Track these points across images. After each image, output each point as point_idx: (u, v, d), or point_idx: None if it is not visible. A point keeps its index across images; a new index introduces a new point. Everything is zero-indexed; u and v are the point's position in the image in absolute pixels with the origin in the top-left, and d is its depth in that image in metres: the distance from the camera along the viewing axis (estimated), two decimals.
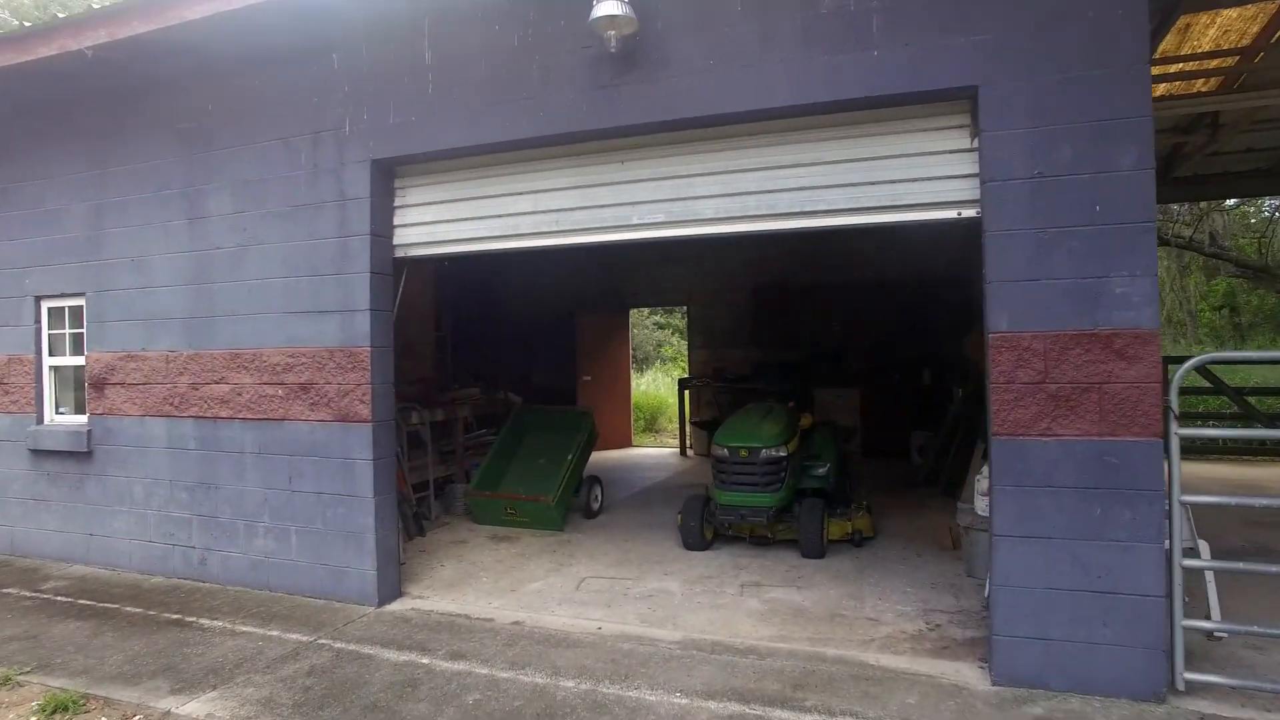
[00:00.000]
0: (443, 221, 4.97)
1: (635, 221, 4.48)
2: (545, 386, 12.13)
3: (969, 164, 3.85)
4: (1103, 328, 3.42)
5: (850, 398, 10.51)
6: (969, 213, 3.87)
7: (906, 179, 3.97)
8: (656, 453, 12.09)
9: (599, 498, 7.44)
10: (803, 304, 11.19)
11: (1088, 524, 3.42)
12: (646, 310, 25.86)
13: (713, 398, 11.34)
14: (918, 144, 3.96)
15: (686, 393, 11.62)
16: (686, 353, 23.49)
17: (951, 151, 3.90)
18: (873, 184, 4.04)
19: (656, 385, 18.06)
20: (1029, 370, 3.54)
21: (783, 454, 5.85)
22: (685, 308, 12.26)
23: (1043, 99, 3.52)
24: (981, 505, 5.22)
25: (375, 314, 4.87)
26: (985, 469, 5.36)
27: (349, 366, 4.87)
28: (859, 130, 4.07)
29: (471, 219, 4.88)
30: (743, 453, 5.83)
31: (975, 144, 3.81)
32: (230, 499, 5.28)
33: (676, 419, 15.72)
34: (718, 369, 11.70)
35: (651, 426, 14.79)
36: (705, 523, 6.03)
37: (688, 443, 11.53)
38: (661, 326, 25.87)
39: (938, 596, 4.90)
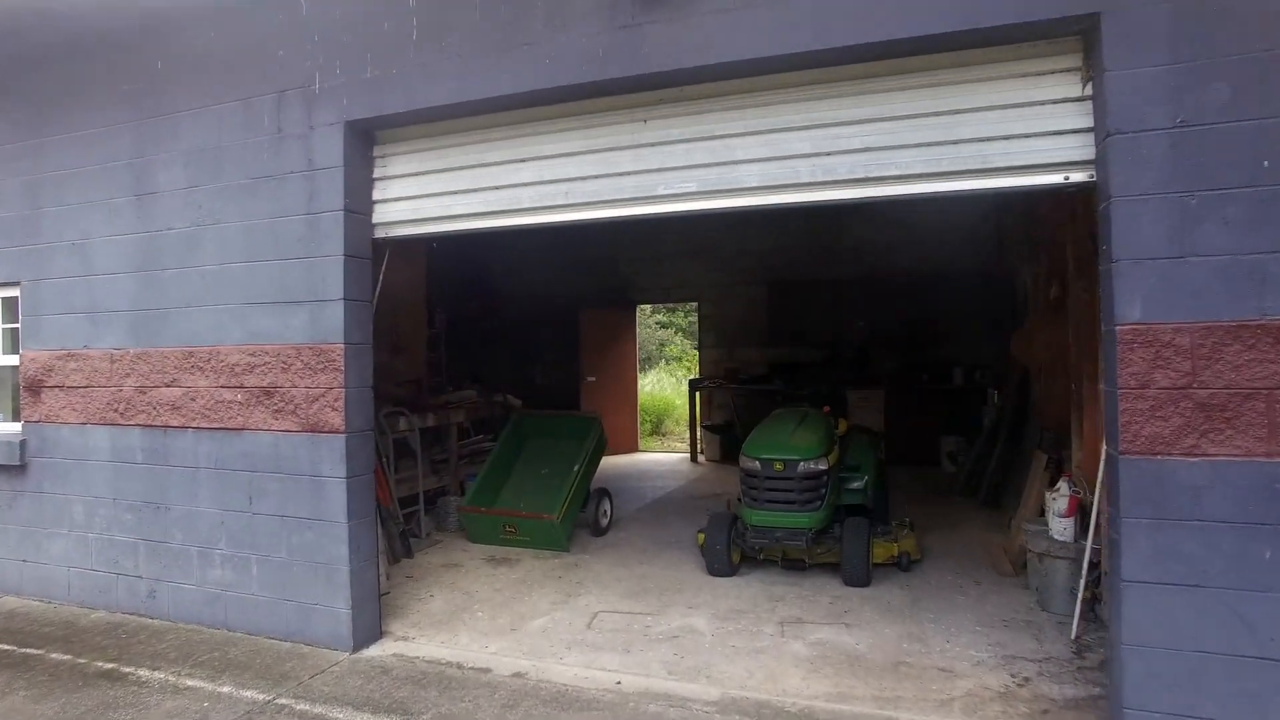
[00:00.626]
0: (431, 195, 4.21)
1: (662, 192, 3.72)
2: (547, 388, 11.37)
3: (1080, 116, 3.10)
4: (1272, 317, 2.67)
5: (875, 400, 9.76)
6: (1078, 176, 3.12)
7: (998, 136, 3.22)
8: (665, 459, 11.33)
9: (608, 513, 6.68)
10: (823, 300, 10.44)
11: (1254, 570, 2.67)
12: (649, 308, 25.17)
13: (731, 400, 10.58)
14: (1012, 93, 3.21)
15: (697, 395, 10.86)
16: (692, 352, 22.78)
17: (1057, 101, 3.15)
18: (955, 143, 3.28)
19: (661, 386, 17.29)
20: (1170, 372, 2.79)
21: (823, 467, 5.10)
22: (695, 304, 11.51)
23: (1189, 23, 2.77)
24: (1059, 529, 4.47)
25: (350, 305, 4.12)
26: (1062, 485, 4.63)
27: (319, 367, 4.11)
28: (938, 78, 3.31)
29: (465, 191, 4.12)
30: (777, 466, 5.07)
31: (1088, 90, 3.06)
32: (182, 521, 4.51)
33: (683, 422, 15.00)
34: (731, 370, 10.95)
35: (658, 430, 14.03)
36: (732, 545, 5.28)
37: (699, 447, 10.77)
38: (664, 325, 25.12)
39: (1014, 638, 4.15)
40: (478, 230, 4.15)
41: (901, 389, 9.82)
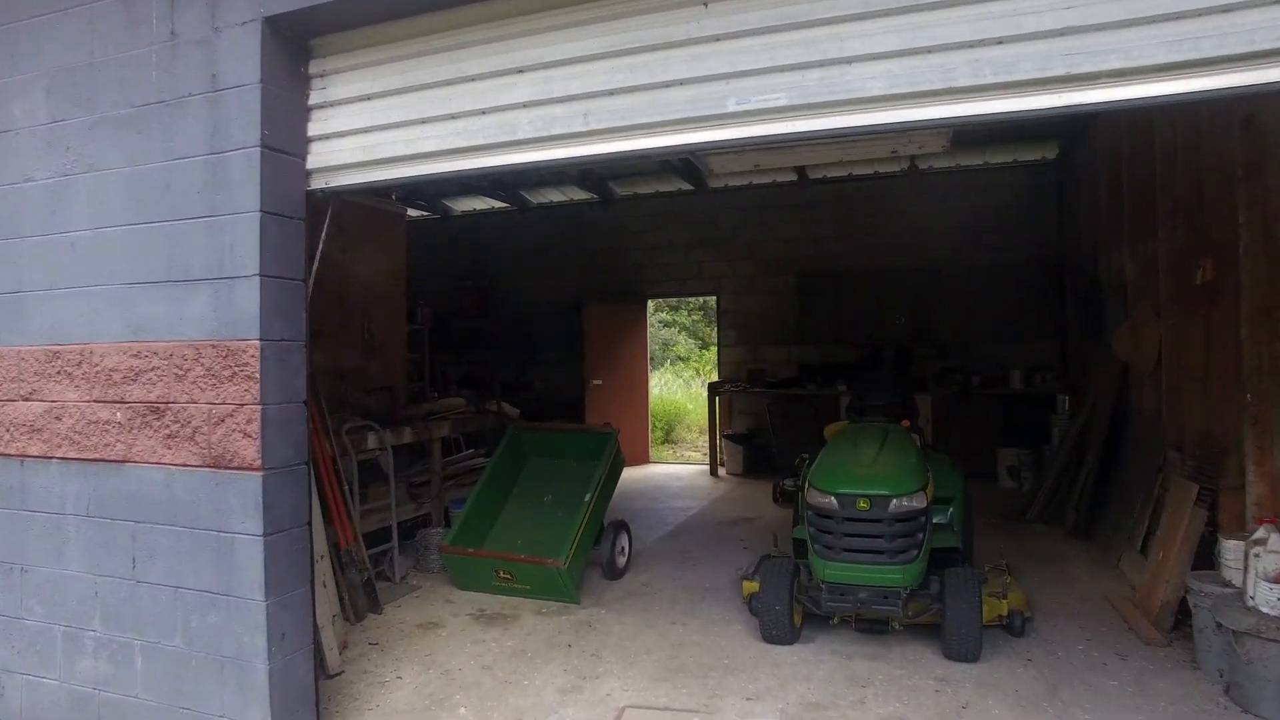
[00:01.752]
0: (389, 126, 2.93)
1: (733, 109, 2.44)
2: (546, 393, 10.10)
3: None
4: None
5: (921, 406, 8.52)
6: None
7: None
8: (681, 471, 10.06)
9: (626, 550, 5.42)
10: (860, 293, 9.18)
11: None
12: (652, 305, 23.93)
13: (765, 407, 9.31)
14: None
15: (717, 400, 9.60)
16: (701, 352, 21.49)
17: None
18: (1203, 12, 2.03)
19: (669, 388, 16.03)
20: None
21: (920, 505, 3.84)
22: (715, 299, 10.25)
23: None
24: (1272, 599, 3.22)
25: (271, 284, 2.85)
26: (1271, 536, 3.38)
27: (225, 373, 2.85)
28: None
29: (437, 119, 2.85)
30: (861, 504, 3.80)
31: None
32: (44, 589, 3.24)
33: (696, 429, 13.74)
34: (754, 371, 9.70)
35: (669, 438, 12.78)
36: (794, 602, 4.03)
37: (719, 459, 9.52)
38: (668, 324, 23.87)
39: None
40: (455, 174, 2.89)
41: (951, 393, 8.57)
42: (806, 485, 4.12)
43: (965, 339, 8.87)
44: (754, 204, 9.85)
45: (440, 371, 11.08)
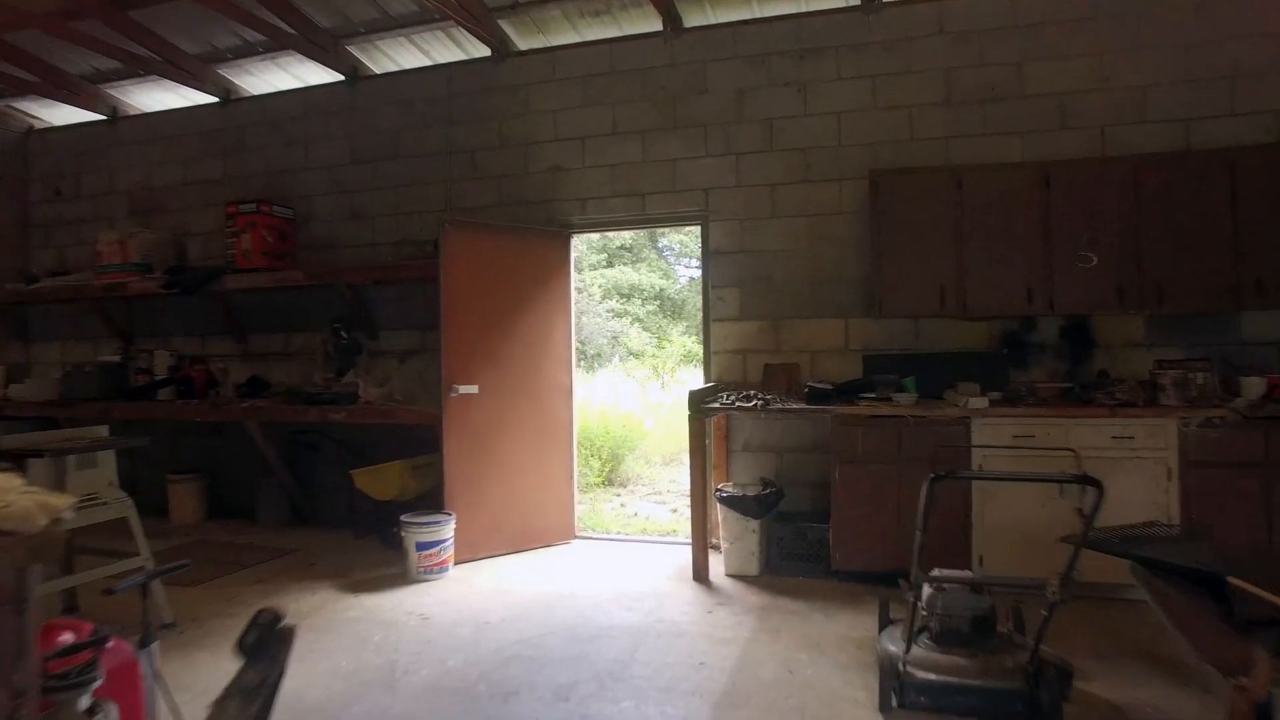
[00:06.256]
0: None
1: None
2: (384, 410, 5.26)
3: None
4: None
5: (1160, 436, 3.94)
6: None
7: None
8: (634, 565, 5.07)
9: None
10: (991, 212, 4.54)
11: None
12: (599, 294, 19.03)
13: (850, 442, 4.54)
14: None
15: (709, 425, 4.85)
16: (658, 346, 16.48)
17: None
18: None
19: (616, 395, 11.25)
20: None
21: None
22: (699, 230, 5.48)
23: None
24: None
25: None
26: None
27: None
28: None
29: None
30: None
31: None
32: None
33: (660, 457, 8.98)
34: (781, 370, 4.99)
35: (612, 479, 7.96)
36: None
37: (709, 536, 4.73)
38: (618, 314, 19.08)
39: None
40: None
41: (1216, 428, 3.99)
42: None
43: (1216, 298, 4.31)
44: (778, 43, 5.15)
45: (205, 369, 6.16)
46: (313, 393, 5.53)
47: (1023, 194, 4.43)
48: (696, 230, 5.50)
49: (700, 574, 4.56)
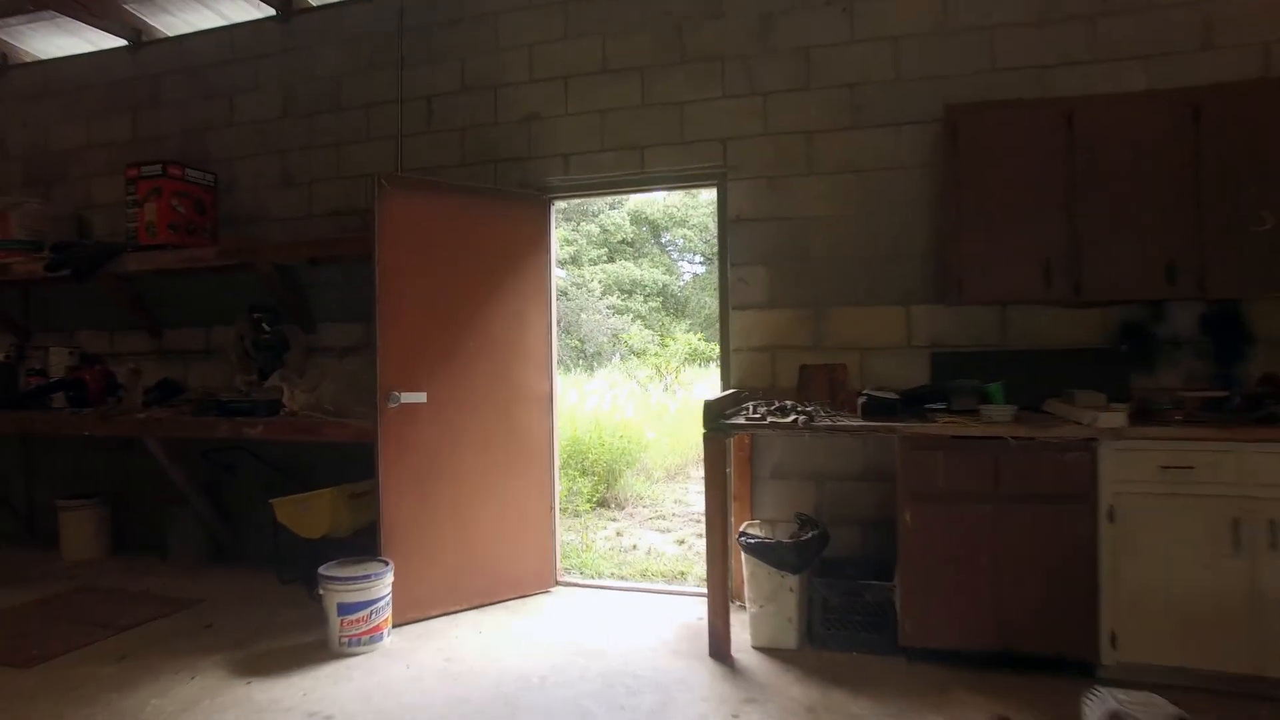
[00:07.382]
0: None
1: None
2: (313, 418, 4.08)
3: None
4: None
5: None
6: None
7: None
8: (632, 627, 3.91)
9: None
10: (1110, 156, 3.34)
11: None
12: (599, 289, 17.87)
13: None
14: None
15: (730, 446, 3.67)
16: (662, 345, 15.25)
17: None
18: None
19: (615, 398, 10.04)
20: None
21: None
22: (714, 191, 4.29)
23: None
24: None
25: None
26: None
27: None
28: None
29: None
30: None
31: None
32: None
33: (664, 470, 7.81)
34: (822, 370, 3.81)
35: (608, 498, 6.77)
36: None
37: (730, 591, 3.55)
38: (619, 310, 17.94)
39: None
40: None
41: None
42: None
43: None
44: None
45: (103, 371, 5.03)
46: (225, 401, 4.36)
47: (1162, 133, 3.25)
48: (702, 223, 4.34)
49: (719, 648, 3.38)
